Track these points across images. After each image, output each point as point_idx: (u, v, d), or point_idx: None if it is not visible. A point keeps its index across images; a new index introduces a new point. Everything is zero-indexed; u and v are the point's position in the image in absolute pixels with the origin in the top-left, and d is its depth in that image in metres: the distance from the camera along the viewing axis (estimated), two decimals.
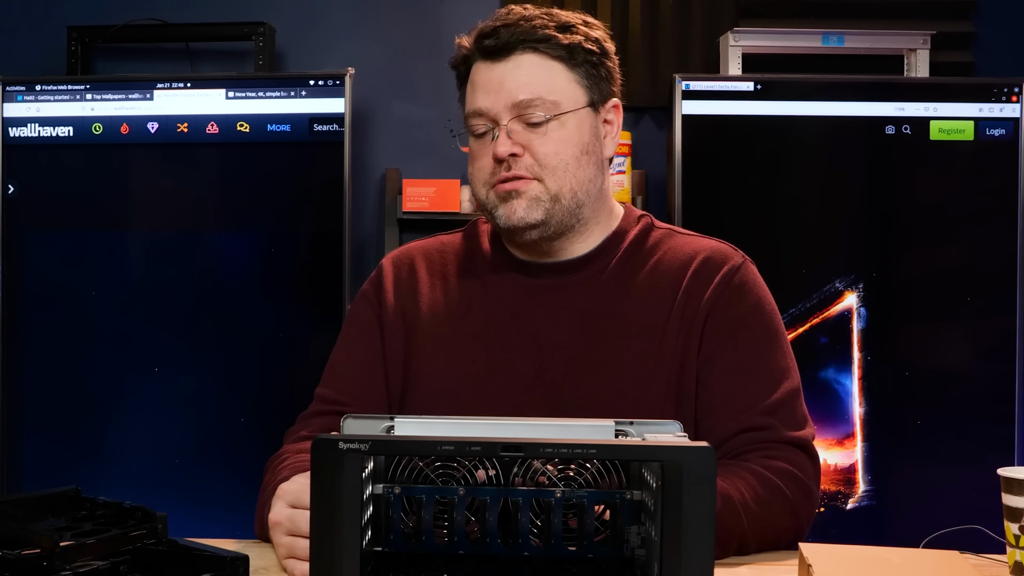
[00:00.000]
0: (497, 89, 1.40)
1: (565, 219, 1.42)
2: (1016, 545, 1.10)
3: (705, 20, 3.16)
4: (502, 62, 1.41)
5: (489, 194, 1.43)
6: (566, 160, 1.40)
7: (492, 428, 1.00)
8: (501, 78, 1.40)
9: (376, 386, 1.47)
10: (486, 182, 1.43)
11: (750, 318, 1.42)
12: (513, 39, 1.40)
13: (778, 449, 1.34)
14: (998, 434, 2.76)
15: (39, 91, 2.88)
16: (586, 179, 1.43)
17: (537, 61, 1.41)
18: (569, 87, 1.42)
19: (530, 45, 1.40)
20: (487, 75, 1.42)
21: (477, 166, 1.44)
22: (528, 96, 1.39)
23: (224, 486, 2.78)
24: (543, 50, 1.40)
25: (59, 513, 1.15)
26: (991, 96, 2.79)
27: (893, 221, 2.81)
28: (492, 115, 1.40)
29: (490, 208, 1.43)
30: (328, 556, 0.90)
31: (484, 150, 1.42)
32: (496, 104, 1.40)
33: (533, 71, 1.40)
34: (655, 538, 0.91)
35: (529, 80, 1.40)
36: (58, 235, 2.89)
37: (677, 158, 2.80)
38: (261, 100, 2.84)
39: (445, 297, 1.50)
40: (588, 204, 1.44)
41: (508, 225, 1.41)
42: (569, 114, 1.41)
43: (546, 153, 1.40)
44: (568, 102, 1.41)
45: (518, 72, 1.40)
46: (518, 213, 1.40)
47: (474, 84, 1.43)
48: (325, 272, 2.81)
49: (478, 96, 1.42)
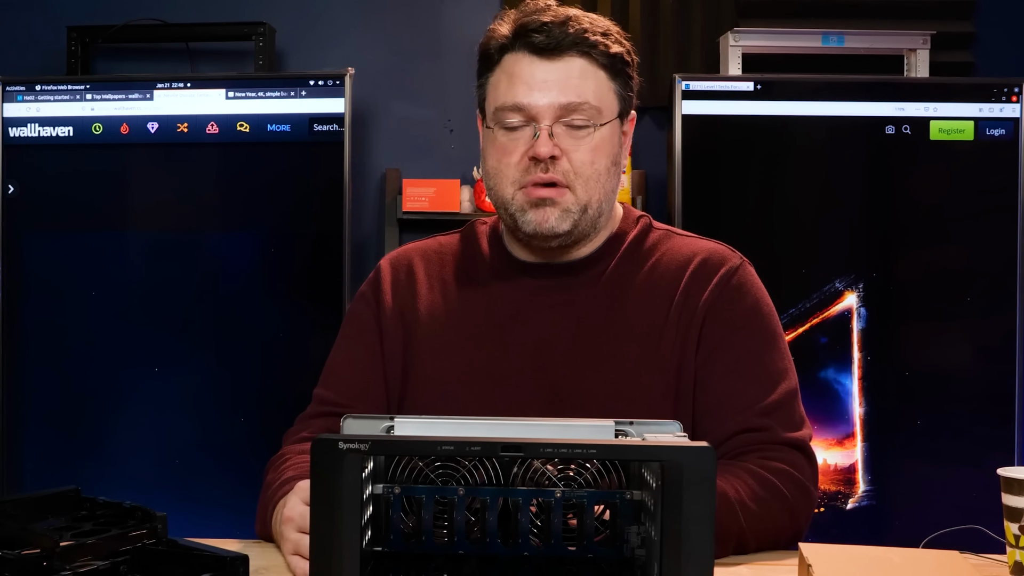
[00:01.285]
0: (543, 88, 1.37)
1: (588, 228, 1.42)
2: (1016, 545, 1.10)
3: (705, 20, 3.16)
4: (551, 61, 1.38)
5: (517, 195, 1.40)
6: (599, 170, 1.39)
7: (492, 428, 1.00)
8: (548, 77, 1.38)
9: (375, 387, 1.46)
10: (516, 180, 1.39)
11: (748, 319, 1.42)
12: (566, 40, 1.38)
13: (776, 450, 1.34)
14: (998, 434, 2.76)
15: (39, 91, 2.88)
16: (611, 190, 1.43)
17: (585, 66, 1.39)
18: (609, 96, 1.41)
19: (582, 49, 1.38)
20: (531, 71, 1.38)
21: (506, 162, 1.40)
22: (576, 100, 1.37)
23: (224, 486, 2.78)
24: (593, 55, 1.39)
25: (59, 513, 1.14)
26: (991, 96, 2.79)
27: (893, 221, 2.81)
28: (533, 112, 1.38)
29: (514, 210, 1.40)
30: (328, 556, 0.91)
31: (517, 146, 1.39)
32: (540, 102, 1.37)
33: (582, 75, 1.38)
34: (655, 538, 0.91)
35: (578, 84, 1.38)
36: (58, 235, 2.89)
37: (677, 158, 2.80)
38: (261, 100, 2.84)
39: (444, 298, 1.49)
40: (606, 213, 1.44)
41: (537, 232, 1.39)
42: (607, 124, 1.40)
43: (583, 161, 1.38)
44: (608, 111, 1.41)
45: (567, 74, 1.38)
46: (550, 222, 1.38)
47: (514, 76, 1.39)
48: (325, 272, 2.81)
49: (519, 90, 1.38)
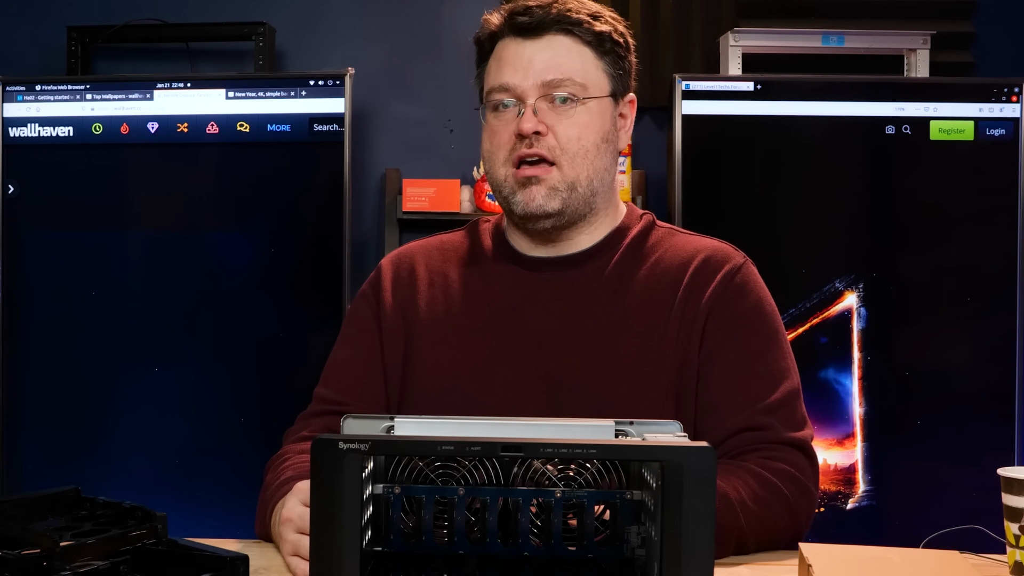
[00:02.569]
0: (527, 66, 1.40)
1: (580, 208, 1.43)
2: (1016, 545, 1.10)
3: (705, 20, 3.16)
4: (534, 40, 1.41)
5: (508, 177, 1.42)
6: (586, 146, 1.41)
7: (492, 428, 1.00)
8: (532, 56, 1.40)
9: (375, 386, 1.47)
10: (505, 160, 1.42)
11: (750, 318, 1.42)
12: (548, 19, 1.41)
13: (777, 450, 1.34)
14: (998, 434, 2.76)
15: (39, 91, 2.88)
16: (602, 167, 1.44)
17: (569, 43, 1.41)
18: (596, 73, 1.43)
19: (564, 27, 1.41)
20: (516, 51, 1.41)
21: (496, 142, 1.43)
22: (559, 76, 1.40)
23: (224, 486, 2.78)
24: (576, 33, 1.41)
25: (59, 513, 1.15)
26: (991, 96, 2.79)
27: (893, 221, 2.81)
28: (519, 92, 1.40)
29: (507, 194, 1.43)
30: (328, 556, 0.90)
31: (505, 126, 1.42)
32: (524, 81, 1.40)
33: (565, 52, 1.41)
34: (655, 538, 0.91)
35: (561, 61, 1.40)
36: (58, 235, 2.89)
37: (677, 158, 2.80)
38: (261, 100, 2.84)
39: (444, 293, 1.49)
40: (601, 194, 1.46)
41: (526, 212, 1.41)
42: (594, 100, 1.42)
43: (568, 137, 1.40)
44: (595, 88, 1.42)
45: (550, 52, 1.41)
46: (537, 200, 1.40)
47: (501, 59, 1.43)
48: (325, 272, 2.81)
49: (505, 71, 1.41)
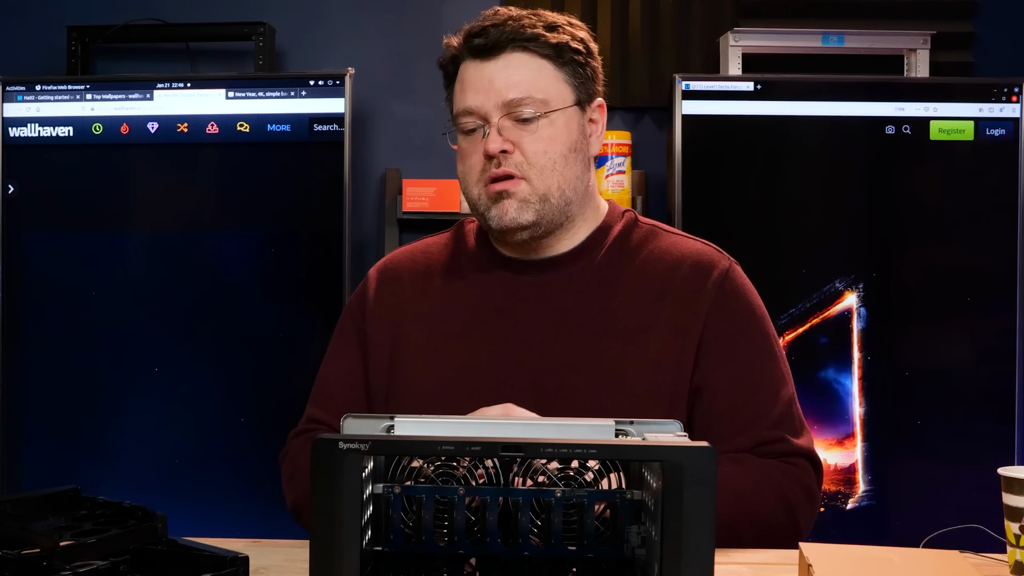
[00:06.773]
0: (487, 88, 1.42)
1: (555, 218, 1.44)
2: (1016, 545, 1.10)
3: (705, 20, 3.15)
4: (492, 61, 1.43)
5: (481, 195, 1.44)
6: (554, 159, 1.42)
7: (492, 428, 1.00)
8: (491, 76, 1.42)
9: (358, 402, 1.49)
10: (477, 180, 1.44)
11: (746, 327, 1.44)
12: (503, 38, 1.42)
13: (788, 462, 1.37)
14: (998, 434, 2.75)
15: (39, 91, 2.88)
16: (573, 176, 1.45)
17: (526, 60, 1.43)
18: (557, 85, 1.44)
19: (519, 44, 1.42)
20: (477, 74, 1.43)
21: (467, 164, 1.46)
22: (518, 95, 1.41)
23: (224, 486, 2.78)
24: (532, 48, 1.43)
25: (59, 513, 1.15)
26: (991, 96, 2.79)
27: (893, 221, 2.81)
28: (482, 113, 1.42)
29: (482, 210, 1.45)
30: (328, 556, 0.90)
31: (474, 148, 1.44)
32: (487, 102, 1.41)
33: (523, 69, 1.42)
34: (655, 538, 0.91)
35: (520, 79, 1.42)
36: (58, 235, 2.89)
37: (677, 158, 2.80)
38: (261, 100, 2.84)
39: (430, 299, 1.51)
40: (576, 201, 1.46)
41: (501, 226, 1.43)
42: (558, 112, 1.43)
43: (535, 151, 1.41)
44: (557, 100, 1.43)
45: (508, 70, 1.42)
46: (510, 214, 1.42)
47: (463, 83, 1.45)
48: (325, 272, 2.80)
49: (468, 95, 1.43)
